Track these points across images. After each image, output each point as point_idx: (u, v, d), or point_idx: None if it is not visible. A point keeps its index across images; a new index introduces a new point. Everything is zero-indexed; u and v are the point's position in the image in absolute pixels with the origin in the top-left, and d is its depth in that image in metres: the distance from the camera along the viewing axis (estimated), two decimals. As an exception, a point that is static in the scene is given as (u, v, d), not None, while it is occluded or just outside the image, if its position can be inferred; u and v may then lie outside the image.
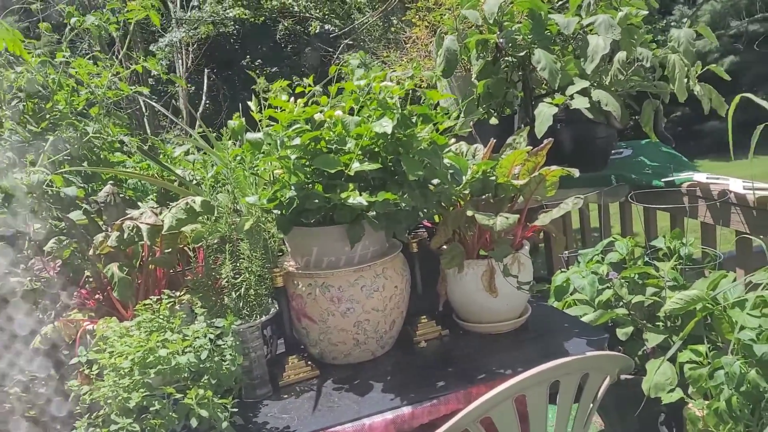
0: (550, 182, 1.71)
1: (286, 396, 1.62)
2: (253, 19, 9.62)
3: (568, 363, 1.46)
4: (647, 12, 2.62)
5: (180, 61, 9.16)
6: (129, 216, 1.66)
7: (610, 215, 3.02)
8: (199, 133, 2.39)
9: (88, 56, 2.56)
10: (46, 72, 2.37)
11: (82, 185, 2.08)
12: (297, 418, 1.50)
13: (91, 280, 1.80)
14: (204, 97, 9.27)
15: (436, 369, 1.66)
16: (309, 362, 1.73)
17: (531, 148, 1.76)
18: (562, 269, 2.58)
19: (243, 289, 1.68)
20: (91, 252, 1.69)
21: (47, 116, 2.32)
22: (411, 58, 3.91)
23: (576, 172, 1.71)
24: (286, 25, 10.82)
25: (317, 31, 9.04)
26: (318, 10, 9.16)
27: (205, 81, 9.41)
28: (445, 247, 1.82)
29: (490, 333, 1.79)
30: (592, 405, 1.56)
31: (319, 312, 1.67)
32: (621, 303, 2.27)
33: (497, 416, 1.44)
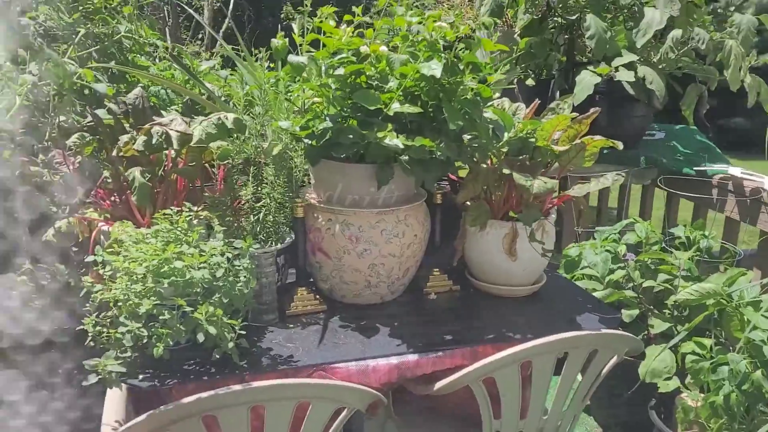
0: (590, 152, 1.67)
1: (291, 326, 1.62)
2: (289, -59, 9.30)
3: (580, 337, 1.46)
4: (711, -8, 2.52)
5: (209, -25, 8.89)
6: (158, 122, 1.61)
7: (630, 196, 2.99)
8: (232, 50, 2.32)
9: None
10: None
11: (108, 84, 2.02)
12: (302, 349, 1.49)
13: (109, 181, 1.77)
14: (228, 16, 9.05)
15: (443, 322, 1.65)
16: (317, 296, 1.72)
17: (576, 115, 1.71)
18: (575, 243, 2.56)
19: (262, 214, 1.66)
20: (114, 153, 1.66)
21: (80, 8, 2.25)
22: (451, 5, 3.79)
23: (620, 145, 1.66)
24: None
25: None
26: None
27: (232, 0, 9.17)
28: (469, 203, 1.79)
29: (502, 295, 1.78)
30: (594, 381, 1.56)
31: (335, 248, 1.65)
32: (631, 285, 2.26)
33: (501, 378, 1.44)
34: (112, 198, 1.76)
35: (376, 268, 1.67)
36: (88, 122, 1.80)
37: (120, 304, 1.36)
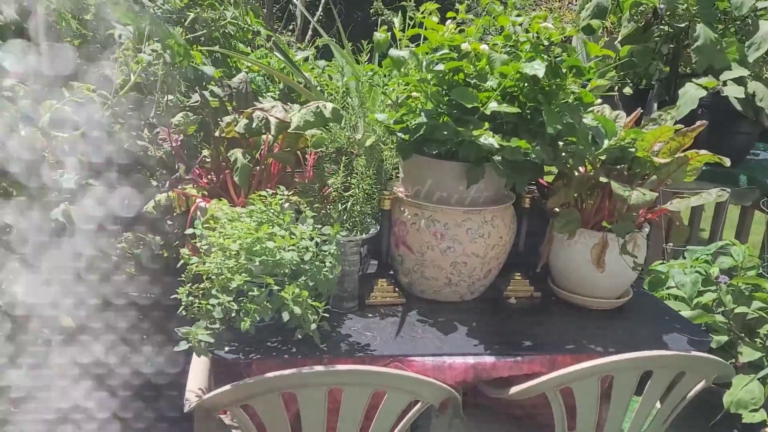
0: (693, 167, 1.60)
1: (370, 315, 1.64)
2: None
3: (668, 356, 1.40)
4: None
5: (305, -33, 9.08)
6: (260, 107, 1.67)
7: (726, 217, 2.84)
8: (322, 42, 2.37)
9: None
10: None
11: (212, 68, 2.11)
12: (379, 339, 1.51)
13: (208, 160, 1.84)
14: (320, 9, 9.22)
15: (523, 328, 1.63)
16: (397, 289, 1.73)
17: (680, 127, 1.64)
18: (662, 260, 2.46)
19: (350, 203, 1.69)
20: (216, 133, 1.73)
21: (191, -7, 2.35)
22: (550, 8, 3.72)
23: (727, 161, 1.58)
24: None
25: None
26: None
27: (325, -7, 9.33)
28: (558, 209, 1.75)
29: (585, 306, 1.74)
30: (677, 405, 1.50)
31: (419, 243, 1.66)
32: (721, 310, 2.15)
33: (579, 389, 1.41)
34: (210, 176, 1.84)
35: (458, 267, 1.66)
36: (193, 102, 1.88)
37: (213, 277, 1.42)
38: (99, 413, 1.75)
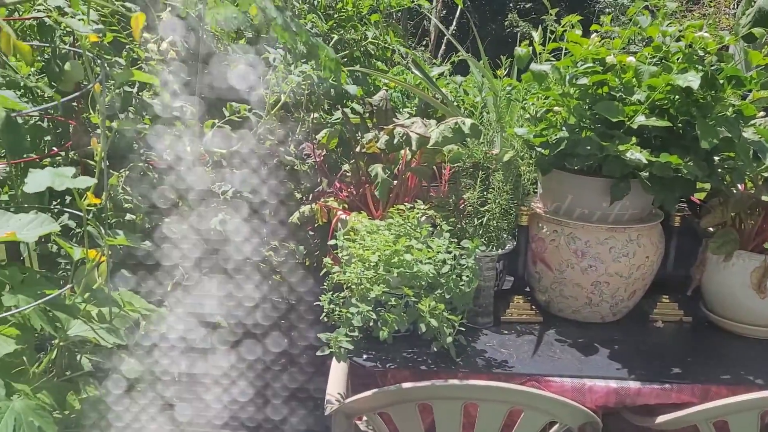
0: None
1: (506, 332, 1.62)
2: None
3: None
4: None
5: (440, -17, 9.23)
6: (400, 123, 1.72)
7: None
8: (459, 57, 2.39)
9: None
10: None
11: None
12: (515, 356, 1.49)
13: (348, 174, 1.93)
14: (454, 23, 9.28)
15: (672, 354, 1.53)
16: (533, 306, 1.70)
17: None
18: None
19: (486, 218, 1.69)
20: (357, 149, 1.80)
21: (335, 16, 2.48)
22: (704, 14, 3.49)
23: None
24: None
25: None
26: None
27: (460, 5, 9.39)
28: (713, 229, 1.64)
29: (744, 335, 1.60)
30: None
31: (558, 260, 1.62)
32: None
33: (736, 423, 1.30)
34: (350, 190, 1.92)
35: (599, 287, 1.60)
36: (336, 119, 1.98)
37: (353, 286, 1.48)
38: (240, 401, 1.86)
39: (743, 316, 1.59)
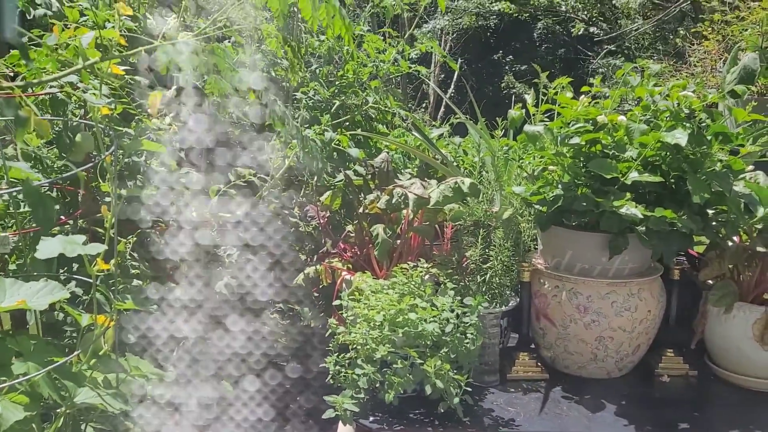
0: None
1: (512, 390, 1.61)
2: (515, 14, 9.61)
3: None
4: None
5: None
6: (400, 184, 1.76)
7: None
8: (457, 120, 2.46)
9: (378, 32, 2.76)
10: (342, 43, 2.61)
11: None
12: (523, 415, 1.48)
13: (352, 235, 1.96)
14: (452, 86, 9.53)
15: (679, 409, 1.52)
16: (539, 363, 1.70)
17: None
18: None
19: (488, 275, 1.71)
20: (360, 210, 1.84)
21: (336, 83, 2.57)
22: (691, 73, 3.60)
23: None
24: (546, 23, 10.64)
25: (580, 32, 8.75)
26: (586, 12, 8.84)
27: (457, 71, 9.67)
28: (711, 281, 1.65)
29: (750, 388, 1.59)
30: None
31: (561, 316, 1.63)
32: None
33: (749, 480, 1.28)
34: (354, 250, 1.95)
35: (603, 342, 1.61)
36: (338, 182, 2.03)
37: (358, 347, 1.49)
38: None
39: (748, 369, 1.59)
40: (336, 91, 2.52)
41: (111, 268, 1.17)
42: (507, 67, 10.91)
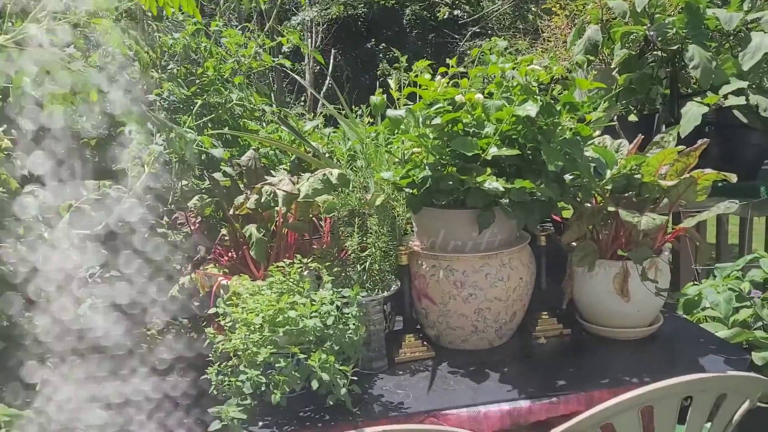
0: (702, 186, 1.60)
1: (401, 372, 1.63)
2: (383, 2, 9.73)
3: (705, 379, 1.37)
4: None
5: (309, 40, 9.48)
6: (268, 182, 1.72)
7: (753, 231, 2.79)
8: (335, 109, 2.45)
9: (238, 27, 2.68)
10: (199, 40, 2.51)
11: (224, 149, 2.19)
12: (412, 396, 1.50)
13: (226, 238, 1.89)
14: (328, 77, 9.51)
15: (555, 367, 1.61)
16: (425, 343, 1.73)
17: (683, 148, 1.65)
18: (694, 281, 2.42)
19: (368, 263, 1.71)
20: (231, 212, 1.78)
21: (196, 81, 2.46)
22: (545, 48, 3.79)
23: (733, 177, 1.58)
24: (414, 9, 10.87)
25: (445, 17, 9.02)
26: (449, -4, 9.11)
27: (331, 62, 9.66)
28: (575, 243, 1.75)
29: (616, 338, 1.71)
30: (724, 429, 1.45)
31: (440, 294, 1.67)
32: (760, 324, 2.09)
33: (620, 424, 1.37)
34: (230, 254, 1.88)
35: (482, 313, 1.66)
36: (207, 185, 1.95)
37: (239, 353, 1.44)
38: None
39: (614, 321, 1.70)
40: (197, 90, 2.42)
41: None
42: (381, 55, 11.05)
